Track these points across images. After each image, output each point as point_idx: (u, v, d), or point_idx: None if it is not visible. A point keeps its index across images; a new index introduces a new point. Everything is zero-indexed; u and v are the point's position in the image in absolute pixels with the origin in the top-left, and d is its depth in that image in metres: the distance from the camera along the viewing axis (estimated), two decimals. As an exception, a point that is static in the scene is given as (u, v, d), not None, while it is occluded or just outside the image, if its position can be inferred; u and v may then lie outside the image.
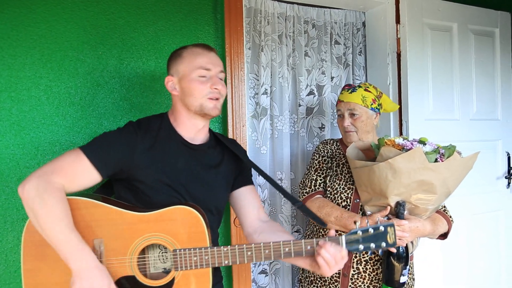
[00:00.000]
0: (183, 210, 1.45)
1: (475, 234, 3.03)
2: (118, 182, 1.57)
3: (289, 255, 1.42)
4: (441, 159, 1.67)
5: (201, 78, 1.57)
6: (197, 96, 1.56)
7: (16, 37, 1.95)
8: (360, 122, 2.05)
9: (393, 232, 1.42)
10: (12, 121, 1.94)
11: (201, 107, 1.56)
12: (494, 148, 3.12)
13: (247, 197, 1.74)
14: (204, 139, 1.68)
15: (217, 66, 1.61)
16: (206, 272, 1.44)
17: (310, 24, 2.87)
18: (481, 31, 3.03)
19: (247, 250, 1.42)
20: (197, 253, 1.41)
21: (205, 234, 1.44)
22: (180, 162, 1.57)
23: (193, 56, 1.60)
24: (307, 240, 1.42)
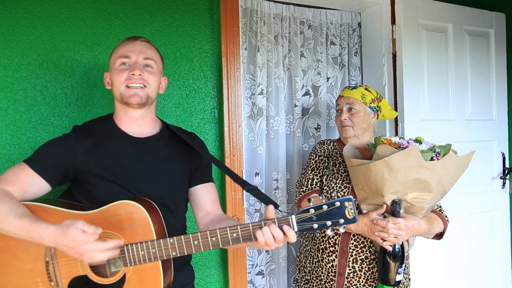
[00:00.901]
0: (126, 205, 1.42)
1: (471, 234, 3.04)
2: (73, 186, 1.59)
3: (237, 241, 1.35)
4: (436, 158, 1.68)
5: (121, 66, 1.55)
6: (117, 84, 1.54)
7: (13, 37, 1.95)
8: (358, 117, 2.06)
9: (352, 207, 1.30)
10: (8, 121, 1.94)
11: (121, 95, 1.54)
12: (489, 149, 3.13)
13: (202, 195, 1.71)
14: (151, 132, 1.65)
15: (140, 53, 1.56)
16: (156, 266, 1.41)
17: (306, 25, 2.88)
18: (476, 32, 3.05)
19: (194, 240, 1.37)
20: (144, 247, 1.38)
21: (151, 227, 1.41)
22: (125, 158, 1.56)
23: (118, 48, 1.60)
24: (255, 223, 1.34)
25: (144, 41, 1.63)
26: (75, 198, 1.55)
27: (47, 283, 1.43)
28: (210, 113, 2.40)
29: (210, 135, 2.40)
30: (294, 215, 1.33)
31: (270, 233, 1.30)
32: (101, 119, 1.65)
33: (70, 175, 1.53)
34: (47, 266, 1.43)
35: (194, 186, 1.71)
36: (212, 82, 2.40)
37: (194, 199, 1.72)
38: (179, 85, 2.31)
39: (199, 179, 1.72)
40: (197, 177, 1.72)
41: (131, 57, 1.55)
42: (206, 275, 2.39)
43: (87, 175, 1.51)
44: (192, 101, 2.34)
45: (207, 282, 2.39)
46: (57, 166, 1.50)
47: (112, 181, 1.51)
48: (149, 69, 1.57)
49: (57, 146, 1.53)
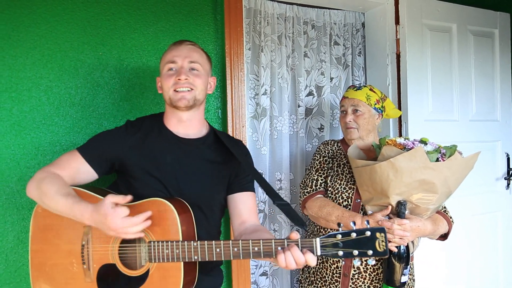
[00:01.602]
0: (157, 203, 1.46)
1: (474, 235, 3.03)
2: (119, 177, 1.67)
3: (258, 255, 1.36)
4: (442, 159, 1.68)
5: (169, 71, 1.62)
6: (165, 89, 1.61)
7: (17, 37, 1.95)
8: (363, 119, 2.05)
9: (383, 239, 1.22)
10: (12, 121, 1.94)
11: (170, 100, 1.61)
12: (494, 149, 3.12)
13: (239, 203, 1.72)
14: (197, 134, 1.70)
15: (186, 57, 1.62)
16: (178, 266, 1.44)
17: (309, 25, 2.88)
18: (480, 32, 3.04)
19: (216, 247, 1.39)
20: (168, 246, 1.42)
21: (178, 228, 1.44)
22: (169, 156, 1.62)
23: (165, 53, 1.68)
24: (277, 240, 1.34)
25: (190, 44, 1.68)
26: (119, 189, 1.61)
27: (80, 265, 1.51)
28: (213, 113, 2.39)
29: (214, 135, 2.39)
30: (319, 239, 1.29)
31: (292, 257, 1.29)
32: (153, 117, 1.74)
33: (115, 166, 1.62)
34: (83, 249, 1.51)
35: (232, 193, 1.74)
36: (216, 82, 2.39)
37: (231, 207, 1.74)
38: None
39: (237, 187, 1.74)
40: (235, 185, 1.74)
41: (177, 62, 1.61)
42: (210, 276, 2.39)
43: (130, 169, 1.59)
44: (196, 101, 2.34)
45: (210, 282, 2.39)
46: (104, 156, 1.60)
47: (153, 176, 1.58)
48: (195, 72, 1.62)
49: (107, 138, 1.63)
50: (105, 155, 1.60)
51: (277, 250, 1.33)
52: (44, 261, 1.56)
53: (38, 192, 1.48)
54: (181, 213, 1.46)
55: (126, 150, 1.59)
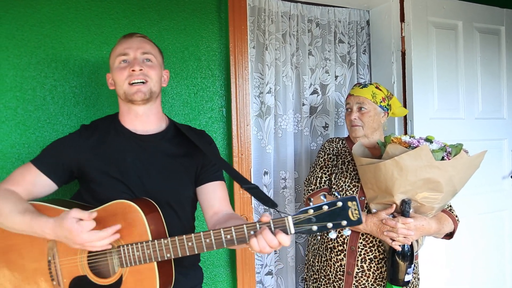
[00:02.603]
0: (122, 204, 1.40)
1: (480, 234, 3.02)
2: (80, 185, 1.60)
3: (231, 243, 1.30)
4: (447, 157, 1.67)
5: (121, 64, 1.54)
6: (119, 83, 1.54)
7: (21, 37, 1.96)
8: (368, 117, 2.05)
9: (356, 207, 1.20)
10: (17, 120, 1.95)
11: (125, 94, 1.53)
12: (500, 148, 3.10)
13: (209, 194, 1.66)
14: (156, 129, 1.63)
15: (138, 49, 1.55)
16: (151, 267, 1.38)
17: (314, 23, 2.87)
18: (486, 29, 3.02)
19: (188, 241, 1.33)
20: (139, 248, 1.36)
21: (146, 228, 1.37)
22: (129, 155, 1.55)
23: (116, 47, 1.60)
24: (249, 224, 1.28)
25: (140, 36, 1.62)
26: (83, 198, 1.55)
27: (49, 282, 1.45)
28: (218, 112, 2.39)
29: (218, 134, 2.39)
30: (291, 216, 1.24)
31: (264, 241, 1.23)
32: (107, 118, 1.66)
33: (74, 173, 1.55)
34: (49, 265, 1.44)
35: (200, 185, 1.67)
36: (220, 81, 2.40)
37: (201, 199, 1.68)
38: (187, 84, 2.30)
39: (205, 177, 1.67)
40: (203, 176, 1.67)
41: (129, 54, 1.54)
42: (214, 275, 2.39)
43: (90, 173, 1.51)
44: (200, 99, 2.34)
45: (215, 281, 2.39)
46: (61, 164, 1.52)
47: (115, 178, 1.51)
48: (149, 63, 1.56)
49: (61, 145, 1.55)
50: (62, 163, 1.52)
51: (250, 234, 1.27)
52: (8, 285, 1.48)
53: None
54: (147, 213, 1.39)
55: (83, 155, 1.52)
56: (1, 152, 1.92)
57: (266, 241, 1.23)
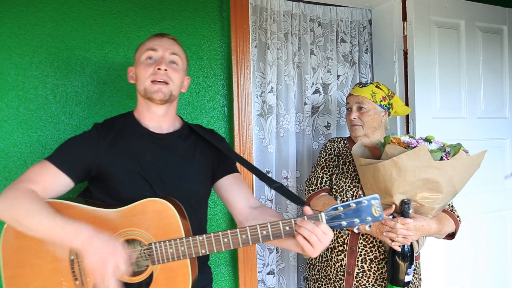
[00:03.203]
0: (154, 203, 1.41)
1: (482, 234, 3.01)
2: (92, 183, 1.57)
3: (267, 238, 1.35)
4: (446, 157, 1.66)
5: (148, 60, 1.55)
6: (142, 78, 1.54)
7: (24, 36, 1.97)
8: (367, 116, 2.05)
9: (378, 205, 1.33)
10: (19, 119, 1.95)
11: (145, 90, 1.53)
12: (502, 147, 3.09)
13: (232, 185, 1.67)
14: (171, 128, 1.65)
15: (167, 49, 1.57)
16: (185, 264, 1.39)
17: (316, 22, 2.87)
18: (488, 29, 3.01)
19: (224, 237, 1.35)
20: (172, 245, 1.36)
21: (179, 224, 1.39)
22: (148, 154, 1.55)
23: (144, 43, 1.61)
24: (284, 220, 1.34)
25: (172, 38, 1.64)
26: (94, 196, 1.54)
27: (71, 282, 1.40)
28: (220, 111, 2.40)
29: (220, 133, 2.38)
30: (324, 213, 1.34)
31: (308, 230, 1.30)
32: (121, 116, 1.65)
33: (92, 172, 1.51)
34: (72, 264, 1.40)
35: (220, 178, 1.69)
36: (222, 80, 2.40)
37: (223, 192, 1.68)
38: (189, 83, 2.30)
39: (223, 171, 1.69)
40: (221, 170, 1.69)
41: (158, 51, 1.55)
42: (217, 274, 2.39)
43: (110, 172, 1.50)
44: (202, 99, 2.34)
45: (217, 280, 2.40)
46: (81, 163, 1.49)
47: (137, 176, 1.51)
48: (174, 66, 1.57)
49: (80, 143, 1.52)
50: (80, 162, 1.49)
51: (285, 230, 1.34)
52: (24, 286, 1.41)
53: (11, 213, 1.34)
54: (177, 210, 1.41)
55: (102, 154, 1.50)
56: (3, 151, 1.93)
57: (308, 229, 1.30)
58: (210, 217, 2.33)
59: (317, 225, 1.30)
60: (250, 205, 1.63)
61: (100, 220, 1.42)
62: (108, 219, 1.42)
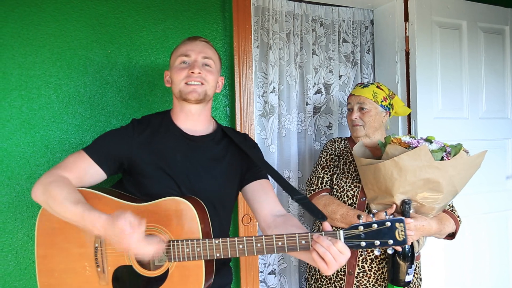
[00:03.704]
0: (176, 201, 1.45)
1: (483, 234, 3.01)
2: (124, 176, 1.65)
3: (282, 250, 1.35)
4: (447, 157, 1.67)
5: (182, 64, 1.62)
6: (176, 82, 1.61)
7: (27, 35, 1.98)
8: (369, 116, 2.05)
9: (402, 229, 1.26)
10: (22, 119, 1.96)
11: (180, 92, 1.60)
12: (504, 147, 3.09)
13: (259, 192, 1.69)
14: (205, 130, 1.69)
15: (200, 53, 1.63)
16: (199, 265, 1.43)
17: (318, 23, 2.87)
18: (490, 29, 3.01)
19: (239, 243, 1.37)
20: (189, 245, 1.40)
21: (198, 226, 1.43)
22: (179, 154, 1.60)
23: (178, 47, 1.68)
24: (301, 234, 1.33)
25: (204, 41, 1.69)
26: (126, 189, 1.61)
27: (94, 268, 1.49)
28: (222, 111, 2.40)
29: (222, 133, 2.40)
30: (343, 231, 1.31)
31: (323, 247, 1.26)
32: (159, 114, 1.72)
33: (124, 165, 1.59)
34: (96, 252, 1.49)
35: (247, 184, 1.72)
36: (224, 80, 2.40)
37: (250, 197, 1.71)
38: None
39: (252, 177, 1.73)
40: (249, 176, 1.73)
41: (191, 56, 1.62)
42: (217, 273, 2.40)
43: (141, 167, 1.56)
44: (204, 99, 2.35)
45: (218, 279, 2.40)
46: (114, 156, 1.57)
47: (165, 174, 1.56)
48: (207, 68, 1.63)
49: (114, 137, 1.60)
50: (114, 155, 1.57)
51: (301, 244, 1.33)
52: (53, 266, 1.52)
53: (45, 196, 1.44)
54: (198, 211, 1.45)
55: (135, 149, 1.57)
56: (6, 150, 1.94)
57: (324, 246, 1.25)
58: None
59: (333, 242, 1.26)
60: (274, 213, 1.63)
61: None
62: None
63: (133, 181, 1.59)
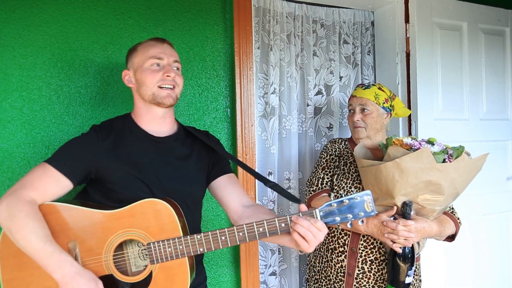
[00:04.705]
0: (152, 203, 1.45)
1: (484, 235, 3.01)
2: (90, 186, 1.60)
3: (264, 235, 1.40)
4: (449, 160, 1.67)
5: (153, 67, 1.59)
6: (149, 84, 1.58)
7: (28, 36, 1.97)
8: (370, 118, 2.05)
9: (370, 200, 1.38)
10: (23, 120, 1.96)
11: (154, 96, 1.58)
12: (504, 148, 3.10)
13: (227, 185, 1.73)
14: (169, 131, 1.68)
15: (171, 56, 1.63)
16: (183, 262, 1.43)
17: (318, 24, 2.87)
18: (491, 30, 3.01)
19: (221, 235, 1.40)
20: (171, 244, 1.41)
21: (177, 224, 1.44)
22: (146, 156, 1.58)
23: (146, 48, 1.63)
24: (280, 217, 1.39)
25: (170, 43, 1.69)
26: (93, 198, 1.56)
27: None
28: (222, 112, 2.40)
29: (223, 134, 2.40)
30: (318, 209, 1.39)
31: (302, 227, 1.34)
32: (120, 118, 1.68)
33: (92, 174, 1.53)
34: None
35: (215, 179, 1.74)
36: (225, 81, 2.41)
37: (217, 192, 1.74)
38: (192, 84, 2.32)
39: (218, 172, 1.75)
40: (216, 171, 1.75)
41: (164, 59, 1.61)
42: (219, 275, 2.40)
43: (109, 173, 1.52)
44: (205, 100, 2.35)
45: (219, 281, 2.41)
46: (81, 165, 1.51)
47: (135, 178, 1.53)
48: (177, 72, 1.64)
49: (79, 146, 1.54)
50: (81, 165, 1.51)
51: (281, 227, 1.39)
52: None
53: (9, 222, 1.36)
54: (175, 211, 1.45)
55: (102, 156, 1.52)
56: (7, 151, 1.94)
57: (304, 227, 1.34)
58: (212, 218, 2.34)
59: (312, 222, 1.35)
60: (243, 204, 1.69)
61: (98, 221, 1.45)
62: (107, 221, 1.45)
63: (102, 189, 1.54)
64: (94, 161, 1.51)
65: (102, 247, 1.43)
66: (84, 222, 1.43)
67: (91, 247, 1.43)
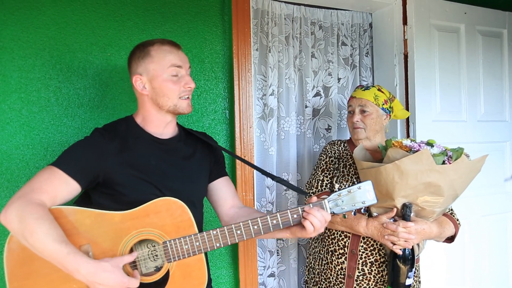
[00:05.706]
0: (166, 201, 1.46)
1: (483, 237, 3.02)
2: (94, 190, 1.54)
3: (277, 227, 1.48)
4: (448, 162, 1.67)
5: (173, 77, 1.57)
6: (171, 96, 1.57)
7: (26, 38, 1.97)
8: (370, 119, 2.05)
9: (370, 189, 1.49)
10: (22, 122, 1.96)
11: (175, 107, 1.59)
12: (502, 150, 3.10)
13: (223, 188, 1.78)
14: (173, 133, 1.69)
15: (186, 63, 1.62)
16: (200, 258, 1.46)
17: (316, 26, 2.88)
18: (488, 32, 3.02)
19: (236, 229, 1.45)
20: (187, 241, 1.43)
21: (192, 221, 1.46)
22: (153, 159, 1.57)
23: (162, 55, 1.57)
24: (292, 209, 1.48)
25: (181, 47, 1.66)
26: (95, 202, 1.52)
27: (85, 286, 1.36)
28: (221, 114, 2.41)
29: (221, 136, 2.40)
30: (327, 200, 1.49)
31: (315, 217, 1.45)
32: (122, 121, 1.65)
33: (100, 177, 1.49)
34: None
35: (213, 180, 1.78)
36: (223, 83, 2.41)
37: (214, 194, 1.78)
38: None
39: (217, 173, 1.79)
40: (215, 172, 1.78)
41: (182, 67, 1.59)
42: (217, 276, 2.40)
43: (117, 176, 1.49)
44: (204, 102, 2.35)
45: (218, 283, 2.41)
46: (89, 168, 1.46)
47: (142, 180, 1.52)
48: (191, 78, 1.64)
49: (86, 149, 1.50)
50: (90, 167, 1.46)
51: (293, 217, 1.48)
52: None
53: (21, 227, 1.31)
54: None
55: (110, 159, 1.49)
56: (5, 153, 1.93)
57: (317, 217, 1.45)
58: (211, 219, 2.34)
59: (321, 212, 1.47)
60: (236, 206, 1.77)
61: (111, 223, 1.43)
62: (120, 222, 1.43)
63: (109, 192, 1.51)
64: (102, 164, 1.48)
65: (117, 249, 1.41)
66: (95, 225, 1.40)
67: (105, 250, 1.40)
